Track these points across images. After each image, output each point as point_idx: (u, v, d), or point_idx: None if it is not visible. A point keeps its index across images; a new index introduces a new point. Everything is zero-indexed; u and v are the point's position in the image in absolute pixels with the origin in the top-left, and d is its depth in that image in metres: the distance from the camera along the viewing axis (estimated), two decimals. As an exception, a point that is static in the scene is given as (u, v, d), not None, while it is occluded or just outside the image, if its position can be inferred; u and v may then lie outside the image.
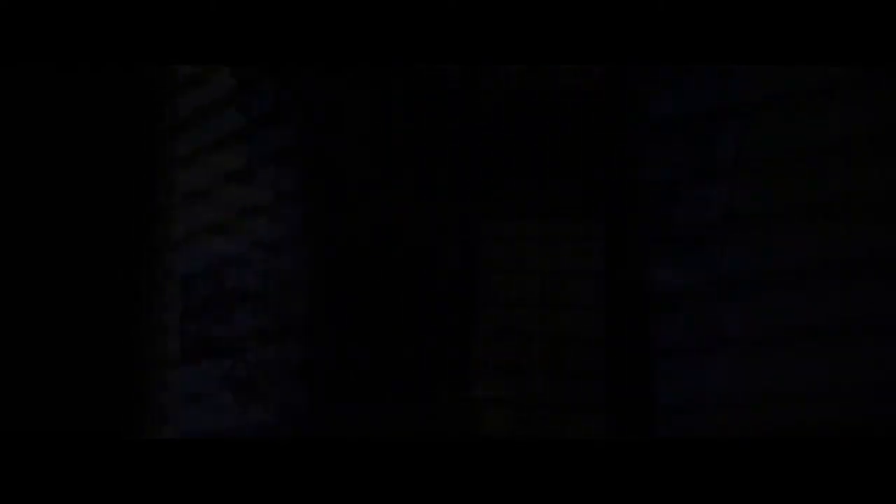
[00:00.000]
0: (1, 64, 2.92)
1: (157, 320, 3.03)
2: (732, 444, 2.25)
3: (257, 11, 2.79)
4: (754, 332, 2.20)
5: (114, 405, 2.94)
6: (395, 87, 2.75)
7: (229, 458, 2.66)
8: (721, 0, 2.37)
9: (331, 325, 2.67)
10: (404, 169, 2.64)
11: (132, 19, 2.86)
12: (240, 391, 2.92)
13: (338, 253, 2.67)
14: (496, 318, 2.56)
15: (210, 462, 2.67)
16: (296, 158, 2.88)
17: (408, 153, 2.68)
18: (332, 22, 2.72)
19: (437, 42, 2.60)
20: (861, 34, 2.24)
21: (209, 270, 2.97)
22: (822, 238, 2.13)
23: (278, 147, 2.92)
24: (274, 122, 2.95)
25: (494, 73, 2.62)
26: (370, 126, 2.70)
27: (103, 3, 2.86)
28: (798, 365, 2.15)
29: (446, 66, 2.67)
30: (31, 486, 2.71)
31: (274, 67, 2.90)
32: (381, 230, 2.63)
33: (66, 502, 2.70)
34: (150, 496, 2.67)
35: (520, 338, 2.53)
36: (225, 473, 2.64)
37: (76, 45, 2.87)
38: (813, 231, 2.14)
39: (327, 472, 2.55)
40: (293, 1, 2.76)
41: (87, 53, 2.88)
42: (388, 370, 2.66)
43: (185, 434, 2.97)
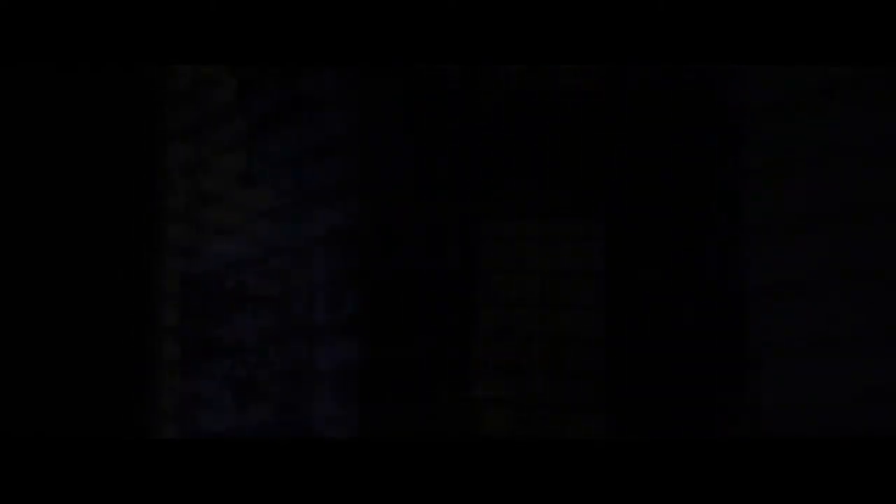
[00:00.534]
0: (1, 64, 2.92)
1: (164, 322, 3.03)
2: (732, 444, 2.24)
3: (257, 11, 2.79)
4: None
5: (115, 406, 2.94)
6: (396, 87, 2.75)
7: (230, 459, 2.66)
8: (721, 0, 2.36)
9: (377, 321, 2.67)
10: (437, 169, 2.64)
11: (132, 19, 2.86)
12: (244, 392, 2.92)
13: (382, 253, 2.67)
14: (496, 318, 2.56)
15: (210, 462, 2.67)
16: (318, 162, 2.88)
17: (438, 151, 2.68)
18: (332, 22, 2.72)
19: (437, 42, 2.60)
20: (861, 34, 2.24)
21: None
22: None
23: (283, 152, 2.92)
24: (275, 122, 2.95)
25: (494, 72, 2.62)
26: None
27: (103, 3, 2.86)
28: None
29: (446, 66, 2.67)
30: (33, 486, 2.71)
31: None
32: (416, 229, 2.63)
33: (70, 502, 2.71)
34: (151, 496, 2.67)
35: (520, 338, 2.53)
36: (225, 473, 2.64)
37: (76, 45, 2.87)
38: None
39: (328, 473, 2.55)
40: (293, 1, 2.76)
41: (87, 53, 2.88)
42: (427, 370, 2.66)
43: (187, 434, 2.97)
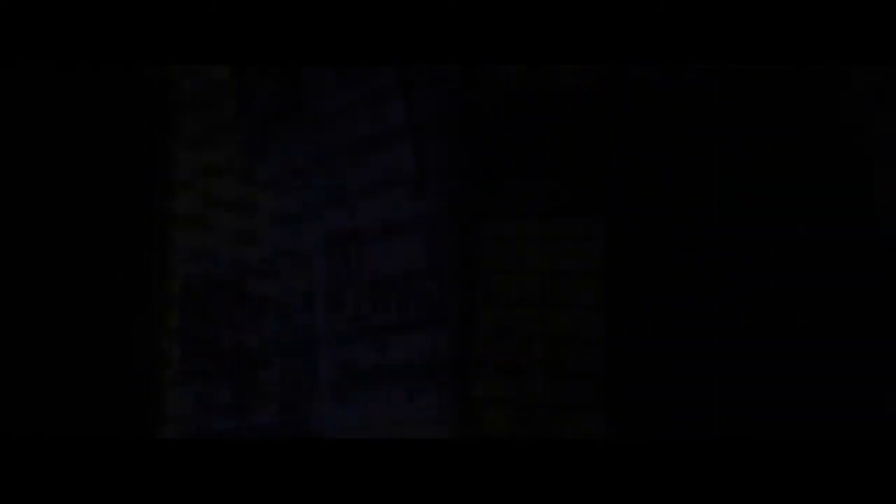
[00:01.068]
0: (1, 64, 2.92)
1: (163, 323, 3.03)
2: (732, 444, 2.24)
3: (257, 11, 2.79)
4: None
5: (119, 407, 2.94)
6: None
7: (230, 459, 2.66)
8: (721, 0, 2.37)
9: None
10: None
11: (132, 19, 2.86)
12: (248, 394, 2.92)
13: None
14: (496, 318, 2.56)
15: (211, 462, 2.67)
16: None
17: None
18: (332, 22, 2.72)
19: (437, 42, 2.60)
20: (861, 34, 2.24)
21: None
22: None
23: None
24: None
25: (494, 72, 2.62)
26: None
27: (103, 3, 2.86)
28: None
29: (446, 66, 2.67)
30: (34, 486, 2.71)
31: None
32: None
33: (71, 502, 2.71)
34: (152, 496, 2.67)
35: (520, 338, 2.53)
36: (225, 473, 2.64)
37: (76, 45, 2.87)
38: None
39: (329, 472, 2.55)
40: (293, 2, 2.76)
41: (87, 53, 2.88)
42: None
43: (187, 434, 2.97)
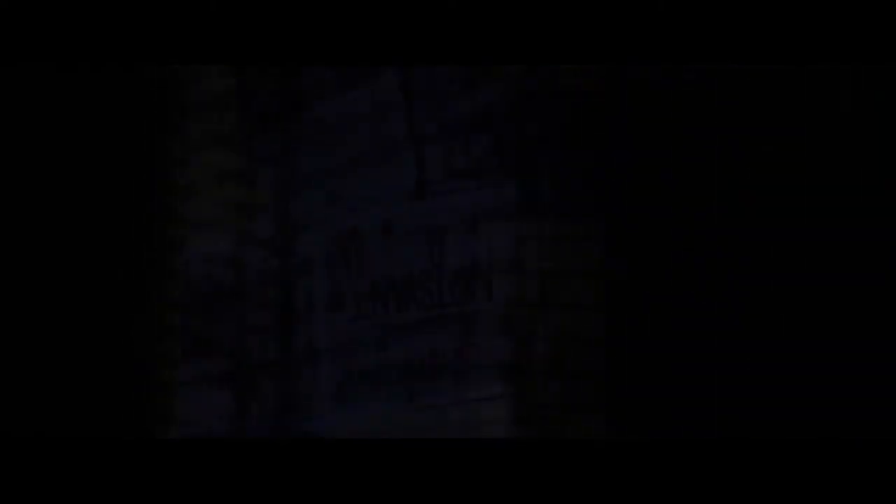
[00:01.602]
0: (1, 64, 2.92)
1: (160, 320, 3.02)
2: (732, 444, 2.25)
3: (257, 12, 2.79)
4: None
5: (114, 405, 2.94)
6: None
7: (230, 459, 2.66)
8: (721, 0, 2.37)
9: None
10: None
11: (132, 19, 2.86)
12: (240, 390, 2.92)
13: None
14: (496, 318, 2.56)
15: (211, 462, 2.67)
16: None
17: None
18: (332, 22, 2.72)
19: (436, 42, 2.60)
20: (861, 34, 2.24)
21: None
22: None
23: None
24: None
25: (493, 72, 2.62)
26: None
27: (103, 3, 2.86)
28: None
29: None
30: (34, 486, 2.71)
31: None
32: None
33: (71, 502, 2.71)
34: (152, 496, 2.67)
35: (520, 338, 2.53)
36: (225, 473, 2.64)
37: (76, 45, 2.87)
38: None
39: (329, 472, 2.55)
40: (293, 2, 2.76)
41: (87, 53, 2.88)
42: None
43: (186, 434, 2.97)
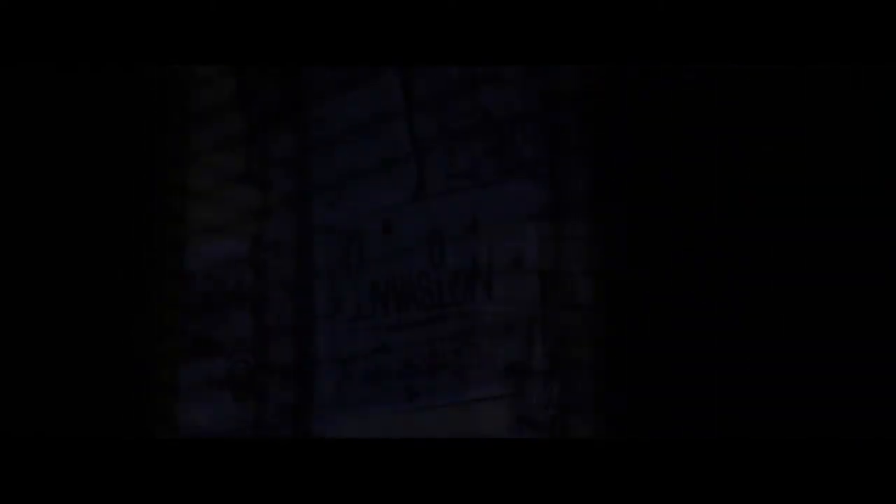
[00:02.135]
0: (1, 64, 2.92)
1: (159, 319, 3.03)
2: (732, 444, 2.25)
3: (257, 12, 2.79)
4: None
5: (112, 405, 2.94)
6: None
7: (230, 458, 2.67)
8: (721, 1, 2.37)
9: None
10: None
11: (132, 19, 2.86)
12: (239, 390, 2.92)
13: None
14: (496, 318, 2.56)
15: (210, 462, 2.67)
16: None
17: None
18: (332, 22, 2.73)
19: (436, 42, 2.61)
20: (861, 34, 2.25)
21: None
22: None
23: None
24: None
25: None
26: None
27: (103, 3, 2.86)
28: None
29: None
30: (34, 486, 2.71)
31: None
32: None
33: (71, 502, 2.71)
34: (152, 496, 2.67)
35: (520, 338, 2.53)
36: (225, 473, 2.64)
37: (76, 45, 2.88)
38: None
39: (329, 472, 2.56)
40: (293, 2, 2.77)
41: (87, 53, 2.88)
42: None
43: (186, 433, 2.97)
